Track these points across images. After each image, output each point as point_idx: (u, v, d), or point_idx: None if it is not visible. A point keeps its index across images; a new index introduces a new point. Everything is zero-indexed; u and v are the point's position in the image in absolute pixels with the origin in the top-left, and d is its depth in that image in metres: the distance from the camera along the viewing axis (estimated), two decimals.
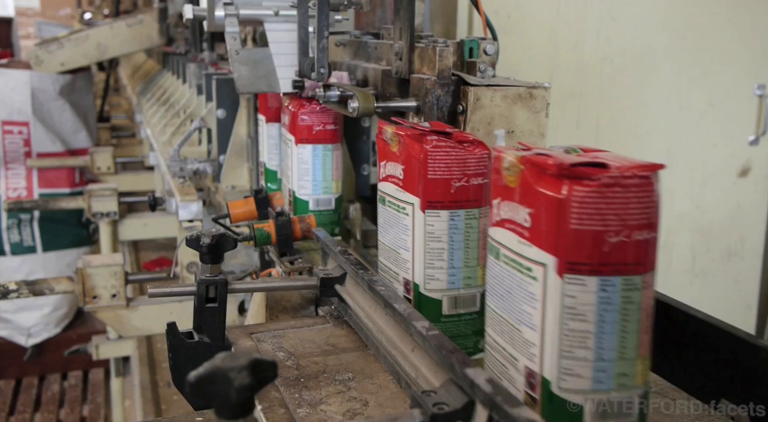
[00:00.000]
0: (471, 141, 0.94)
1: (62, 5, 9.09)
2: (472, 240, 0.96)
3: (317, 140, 1.48)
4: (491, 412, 0.65)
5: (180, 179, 2.20)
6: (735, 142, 2.34)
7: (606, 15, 2.11)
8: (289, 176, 1.53)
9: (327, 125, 1.48)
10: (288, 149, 1.53)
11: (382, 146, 1.03)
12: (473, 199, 0.95)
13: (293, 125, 1.49)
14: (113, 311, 2.04)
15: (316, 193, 1.51)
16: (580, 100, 2.14)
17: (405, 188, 0.96)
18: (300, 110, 1.46)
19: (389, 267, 1.04)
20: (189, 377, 0.54)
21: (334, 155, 1.50)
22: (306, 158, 1.48)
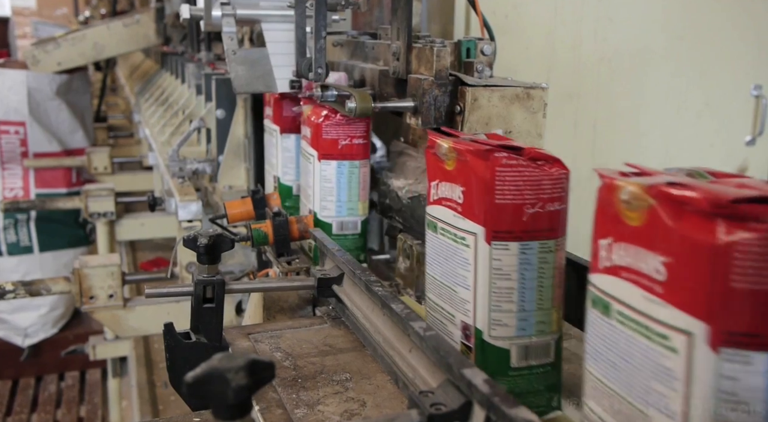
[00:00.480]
0: (546, 158, 0.80)
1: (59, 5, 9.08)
2: (547, 278, 0.82)
3: (343, 155, 1.34)
4: (488, 412, 0.65)
5: (179, 179, 2.20)
6: (732, 142, 2.35)
7: (603, 15, 2.12)
8: (310, 195, 1.39)
9: (354, 139, 1.34)
10: (309, 165, 1.39)
11: (433, 163, 0.89)
12: (549, 228, 0.81)
13: (316, 139, 1.35)
14: (110, 312, 2.04)
15: (340, 215, 1.37)
16: (578, 101, 2.14)
17: (465, 215, 0.83)
18: (325, 121, 1.32)
19: (441, 306, 0.91)
20: (186, 377, 0.54)
21: (361, 172, 1.36)
22: (330, 176, 1.35)
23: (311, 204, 1.39)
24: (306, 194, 1.43)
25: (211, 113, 2.13)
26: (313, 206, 1.38)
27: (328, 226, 1.36)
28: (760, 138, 2.35)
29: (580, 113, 2.15)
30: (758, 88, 2.31)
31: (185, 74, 2.97)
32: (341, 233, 1.37)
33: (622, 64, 2.15)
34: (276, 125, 1.64)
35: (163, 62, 4.04)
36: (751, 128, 2.34)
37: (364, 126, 1.33)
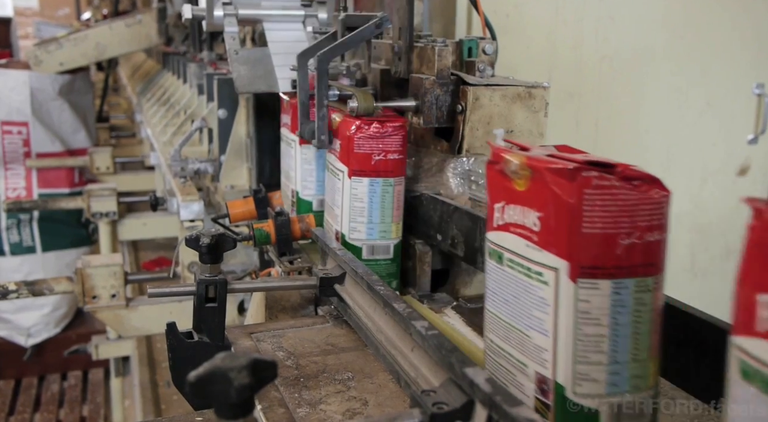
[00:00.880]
0: (642, 177, 0.67)
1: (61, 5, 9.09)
2: (644, 322, 0.68)
3: (377, 172, 1.19)
4: (490, 412, 0.65)
5: (181, 179, 2.20)
6: (734, 141, 2.34)
7: (604, 14, 2.12)
8: (338, 214, 1.25)
9: (389, 154, 1.18)
10: (337, 182, 1.24)
11: (498, 181, 0.75)
12: (647, 263, 0.68)
13: (347, 153, 1.19)
14: (113, 312, 2.04)
15: (372, 237, 1.22)
16: (579, 100, 2.14)
17: (542, 245, 0.69)
18: (357, 134, 1.17)
19: (508, 352, 0.76)
20: (189, 377, 0.54)
21: (395, 191, 1.21)
22: (361, 195, 1.20)
23: (338, 225, 1.24)
24: (332, 213, 1.27)
25: (213, 112, 2.13)
26: (341, 228, 1.23)
27: (358, 250, 1.22)
28: (763, 137, 2.34)
29: (581, 111, 2.15)
30: (760, 86, 2.31)
31: (187, 74, 2.97)
32: (372, 258, 1.23)
33: (623, 63, 2.15)
34: (295, 135, 1.47)
35: (164, 62, 4.04)
36: (753, 127, 2.34)
37: (400, 140, 1.18)
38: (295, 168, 1.49)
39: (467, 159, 1.19)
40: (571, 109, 2.14)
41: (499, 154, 0.75)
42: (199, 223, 2.09)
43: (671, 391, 0.91)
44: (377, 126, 1.16)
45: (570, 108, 2.13)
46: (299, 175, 1.48)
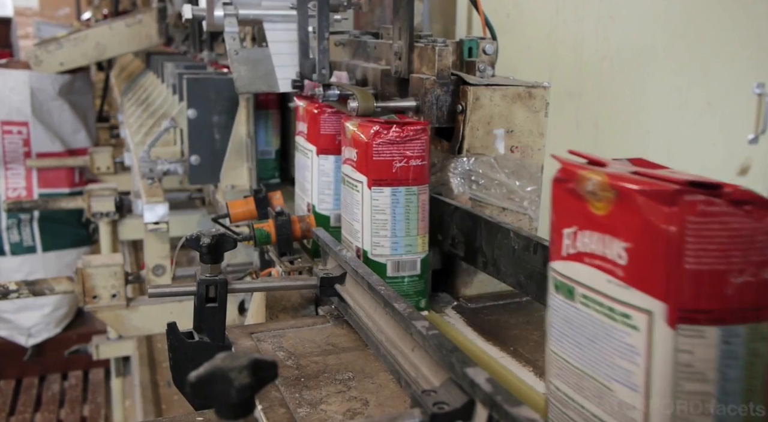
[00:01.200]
0: (755, 201, 0.54)
1: (61, 5, 9.09)
2: (757, 377, 0.56)
3: (398, 180, 1.10)
4: (491, 412, 0.65)
5: (149, 181, 2.17)
6: (734, 141, 2.34)
7: (605, 14, 2.11)
8: (357, 230, 1.14)
9: (411, 160, 1.09)
10: (356, 194, 1.14)
11: (568, 201, 0.64)
12: (763, 305, 0.55)
13: (365, 161, 1.09)
14: (113, 311, 2.04)
15: (396, 253, 1.12)
16: (580, 100, 2.14)
17: (630, 282, 0.57)
18: (375, 139, 1.07)
19: (583, 406, 0.64)
20: (189, 377, 0.55)
21: (420, 200, 1.12)
22: (383, 206, 1.11)
23: (359, 241, 1.14)
24: (350, 228, 1.17)
25: (183, 112, 2.09)
26: (362, 244, 1.13)
27: (382, 267, 1.11)
28: (763, 136, 2.34)
29: (581, 111, 2.15)
30: (761, 86, 2.31)
31: (164, 73, 2.93)
32: (397, 275, 1.13)
33: (623, 62, 2.15)
34: (312, 145, 1.39)
35: (148, 62, 4.02)
36: (753, 127, 2.34)
37: (423, 144, 1.09)
38: (311, 180, 1.40)
39: (467, 159, 1.19)
40: (571, 109, 2.14)
41: (570, 170, 0.64)
42: (163, 225, 2.07)
43: None
44: (397, 130, 1.07)
45: (570, 108, 2.13)
46: (316, 187, 1.38)
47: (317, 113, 1.36)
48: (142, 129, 2.68)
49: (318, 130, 1.37)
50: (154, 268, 2.15)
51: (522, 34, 2.05)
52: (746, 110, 2.33)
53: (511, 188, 1.19)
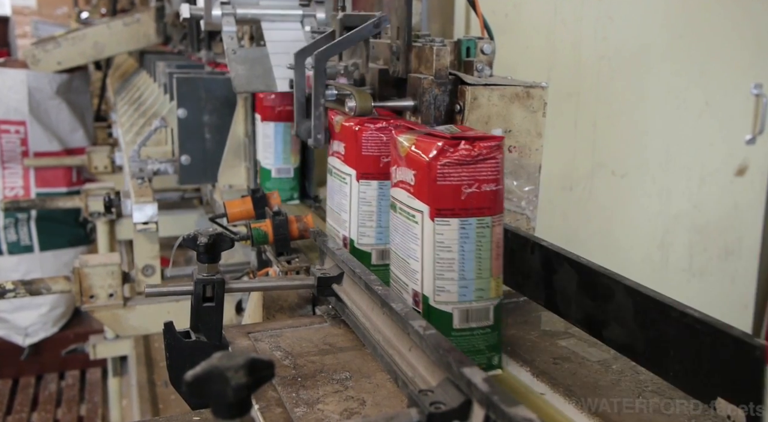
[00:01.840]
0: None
1: (59, 4, 9.08)
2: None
3: (468, 210, 0.91)
4: (488, 411, 0.65)
5: (139, 180, 2.17)
6: (732, 141, 2.35)
7: (603, 14, 2.11)
8: (416, 271, 0.95)
9: (484, 185, 0.92)
10: (414, 227, 0.95)
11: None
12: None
13: (425, 186, 0.92)
14: (110, 311, 2.04)
15: (466, 299, 0.93)
16: (578, 100, 2.14)
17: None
18: (440, 159, 0.90)
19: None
20: (186, 376, 0.54)
21: (494, 233, 0.96)
22: (449, 242, 0.91)
23: (417, 284, 0.94)
24: (406, 268, 0.97)
25: (173, 112, 2.08)
26: (422, 288, 0.93)
27: (446, 316, 0.92)
28: (761, 137, 2.35)
29: (580, 111, 2.15)
30: (758, 86, 2.31)
31: (156, 73, 2.93)
32: (467, 327, 0.93)
33: (622, 63, 2.15)
34: (351, 168, 1.17)
35: (141, 61, 4.01)
36: (751, 127, 2.34)
37: (497, 165, 0.90)
38: (349, 209, 1.19)
39: None
40: (569, 109, 2.14)
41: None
42: (152, 225, 2.06)
43: (670, 391, 0.91)
44: (467, 147, 0.88)
45: (569, 108, 2.13)
46: (355, 218, 1.18)
47: (358, 131, 1.14)
48: (133, 128, 2.67)
49: (359, 149, 1.15)
50: (143, 268, 2.15)
51: (520, 34, 2.05)
52: (744, 110, 2.33)
53: (508, 187, 1.19)
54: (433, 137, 0.92)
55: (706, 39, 2.24)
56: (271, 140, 1.82)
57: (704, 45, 2.24)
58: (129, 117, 2.97)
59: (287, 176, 1.86)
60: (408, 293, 0.96)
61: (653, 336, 0.92)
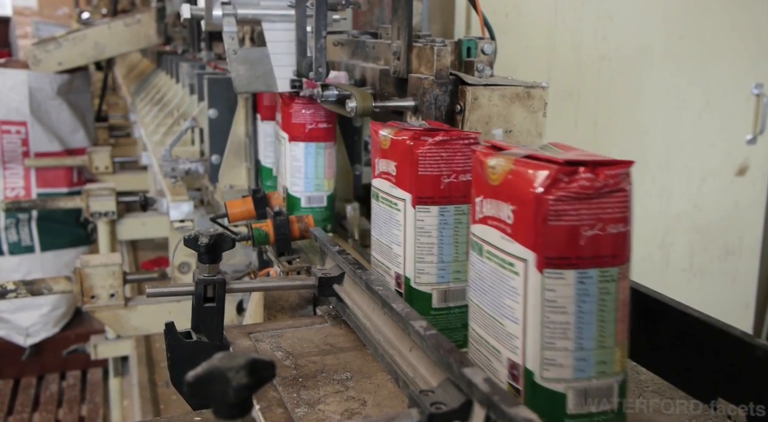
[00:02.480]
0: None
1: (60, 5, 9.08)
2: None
3: (589, 258, 0.70)
4: (489, 411, 0.65)
5: (171, 179, 2.19)
6: (733, 141, 2.35)
7: (604, 14, 2.11)
8: (514, 335, 0.74)
9: (609, 226, 0.68)
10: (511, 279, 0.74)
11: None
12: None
13: (533, 227, 0.69)
14: (111, 311, 2.04)
15: (585, 375, 0.70)
16: (578, 100, 2.14)
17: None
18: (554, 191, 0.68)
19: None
20: (187, 377, 0.54)
21: (619, 289, 0.73)
22: (564, 300, 0.70)
23: (515, 354, 0.73)
24: (497, 330, 0.77)
25: (204, 112, 2.11)
26: (523, 360, 0.72)
27: (559, 398, 0.71)
28: (761, 137, 2.35)
29: (580, 111, 2.15)
30: (759, 86, 2.31)
31: (179, 74, 2.96)
32: (585, 412, 0.71)
33: (622, 62, 2.15)
34: (405, 192, 1.00)
35: (159, 62, 4.03)
36: (751, 127, 2.34)
37: (626, 198, 0.69)
38: (403, 242, 1.05)
39: None
40: (570, 109, 2.14)
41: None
42: (189, 223, 2.08)
43: (670, 391, 0.91)
44: (588, 176, 0.68)
45: (569, 108, 2.13)
46: (410, 252, 1.05)
47: (414, 146, 0.96)
48: (160, 129, 2.69)
49: (415, 170, 0.97)
50: (179, 265, 2.16)
51: (521, 34, 2.05)
52: (744, 110, 2.33)
53: None
54: (538, 161, 0.71)
55: (707, 39, 2.24)
56: (301, 163, 1.55)
57: (704, 45, 2.24)
58: (154, 117, 2.98)
59: (320, 205, 1.58)
60: (502, 363, 0.75)
61: (653, 336, 0.92)
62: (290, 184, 1.57)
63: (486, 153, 0.78)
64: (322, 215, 1.57)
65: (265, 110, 1.80)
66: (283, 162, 1.60)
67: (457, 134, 0.97)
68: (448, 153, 0.96)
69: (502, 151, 0.78)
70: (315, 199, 1.57)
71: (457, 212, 0.98)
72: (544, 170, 0.69)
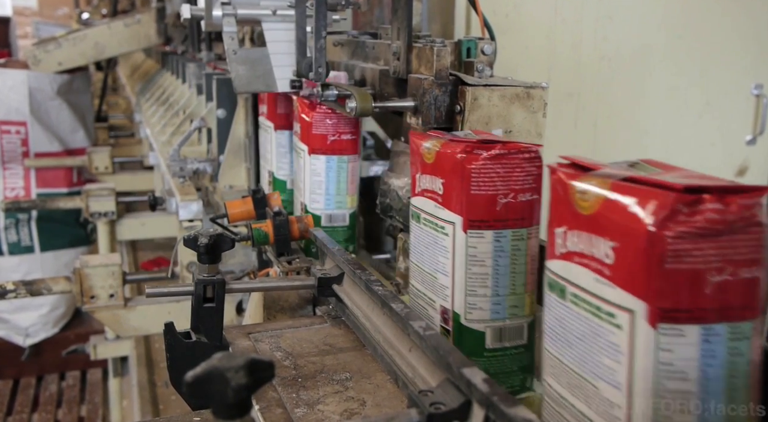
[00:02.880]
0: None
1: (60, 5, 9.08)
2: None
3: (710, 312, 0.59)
4: (488, 411, 0.65)
5: (180, 179, 2.20)
6: (732, 141, 2.35)
7: (603, 14, 2.11)
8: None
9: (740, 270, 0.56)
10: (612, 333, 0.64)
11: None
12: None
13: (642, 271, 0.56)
14: (111, 311, 2.04)
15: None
16: (578, 100, 2.14)
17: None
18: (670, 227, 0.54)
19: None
20: (186, 377, 0.54)
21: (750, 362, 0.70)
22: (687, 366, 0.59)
23: None
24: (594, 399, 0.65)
25: (212, 112, 2.13)
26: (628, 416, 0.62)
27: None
28: (761, 137, 2.34)
29: (580, 112, 2.15)
30: (759, 87, 2.31)
31: (186, 74, 2.97)
32: None
33: (622, 63, 2.15)
34: (455, 214, 0.87)
35: (163, 62, 4.04)
36: (751, 127, 2.34)
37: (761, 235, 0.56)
38: (451, 272, 0.97)
39: None
40: (570, 109, 2.14)
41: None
42: (197, 223, 2.09)
43: None
44: (717, 207, 0.55)
45: (569, 108, 2.13)
46: (460, 284, 0.97)
47: (464, 159, 0.84)
48: (167, 129, 2.70)
49: (466, 188, 0.85)
50: (188, 265, 2.16)
51: (520, 35, 2.05)
52: (744, 110, 2.33)
53: None
54: (646, 187, 0.57)
55: (707, 39, 2.24)
56: (322, 178, 1.43)
57: (704, 45, 2.24)
58: (160, 118, 2.99)
59: (342, 224, 1.45)
60: None
61: None
62: (309, 201, 1.43)
63: (572, 174, 0.64)
64: (343, 235, 1.44)
65: (280, 118, 1.68)
66: (301, 177, 1.44)
67: (516, 147, 0.83)
68: (505, 169, 0.82)
69: (587, 170, 0.65)
70: (337, 217, 1.44)
71: (514, 237, 0.84)
72: (659, 198, 0.55)
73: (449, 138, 0.90)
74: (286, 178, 1.70)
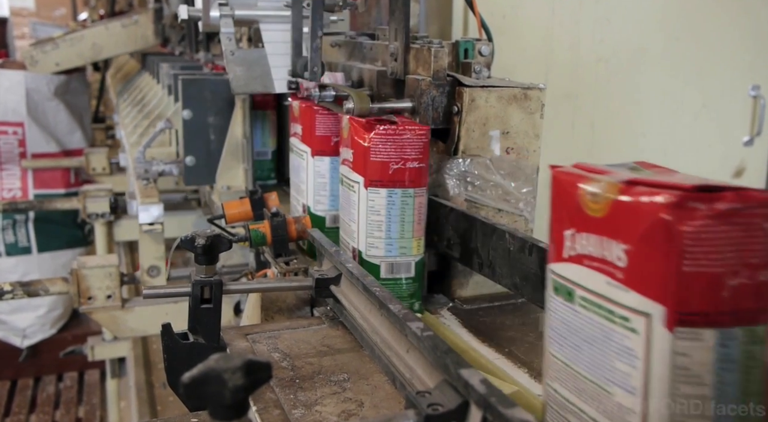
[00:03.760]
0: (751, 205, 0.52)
1: (57, 5, 9.07)
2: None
3: None
4: (485, 413, 0.65)
5: (144, 181, 2.17)
6: (730, 142, 2.35)
7: (601, 16, 2.12)
8: None
9: None
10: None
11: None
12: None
13: None
14: (108, 313, 2.04)
15: None
16: (575, 101, 2.14)
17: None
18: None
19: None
20: (183, 378, 0.54)
21: None
22: None
23: None
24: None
25: (178, 113, 2.08)
26: None
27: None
28: (758, 138, 2.35)
29: (577, 113, 2.15)
30: (756, 88, 2.32)
31: (160, 74, 2.93)
32: None
33: (619, 64, 2.15)
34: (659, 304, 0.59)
35: (143, 63, 4.01)
36: (748, 128, 2.35)
37: None
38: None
39: (463, 160, 1.19)
40: (567, 110, 2.14)
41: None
42: (158, 226, 2.06)
43: None
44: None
45: (566, 110, 2.14)
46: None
47: (673, 221, 0.64)
48: (137, 130, 2.67)
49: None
50: (148, 269, 2.14)
51: (518, 36, 2.05)
52: (741, 112, 2.33)
53: (506, 189, 1.19)
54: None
55: (704, 41, 2.25)
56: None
57: (702, 47, 2.25)
58: (132, 119, 2.96)
59: (406, 275, 1.22)
60: None
61: None
62: (365, 245, 1.14)
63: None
64: (408, 290, 1.16)
65: (320, 141, 1.39)
66: (353, 215, 1.16)
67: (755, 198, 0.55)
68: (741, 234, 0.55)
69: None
70: (400, 267, 1.15)
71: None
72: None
73: (628, 179, 0.59)
74: (325, 214, 1.41)
